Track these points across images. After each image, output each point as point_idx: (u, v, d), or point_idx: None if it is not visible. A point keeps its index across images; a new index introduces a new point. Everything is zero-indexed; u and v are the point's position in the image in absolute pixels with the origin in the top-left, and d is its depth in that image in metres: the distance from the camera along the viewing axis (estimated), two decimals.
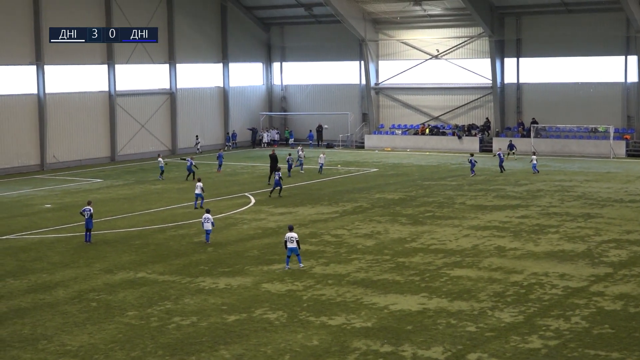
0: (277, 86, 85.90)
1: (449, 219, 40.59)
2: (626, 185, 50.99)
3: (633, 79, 68.58)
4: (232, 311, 25.47)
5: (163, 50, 74.10)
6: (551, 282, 28.24)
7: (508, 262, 31.29)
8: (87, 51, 67.72)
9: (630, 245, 34.02)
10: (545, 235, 36.31)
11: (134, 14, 70.81)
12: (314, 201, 46.72)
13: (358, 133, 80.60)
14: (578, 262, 31.13)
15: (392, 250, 33.82)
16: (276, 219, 41.47)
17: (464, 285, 27.99)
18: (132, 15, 70.42)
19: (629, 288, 27.35)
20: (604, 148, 67.71)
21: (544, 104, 72.50)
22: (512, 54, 73.41)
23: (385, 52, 79.41)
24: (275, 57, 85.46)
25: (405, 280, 28.82)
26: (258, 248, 34.69)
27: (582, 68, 71.01)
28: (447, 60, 76.24)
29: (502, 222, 39.37)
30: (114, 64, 69.98)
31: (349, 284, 28.52)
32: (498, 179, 54.60)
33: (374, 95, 79.81)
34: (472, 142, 73.25)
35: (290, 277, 29.60)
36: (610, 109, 69.82)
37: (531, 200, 45.69)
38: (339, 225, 39.54)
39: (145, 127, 72.93)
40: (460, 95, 76.38)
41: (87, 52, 67.89)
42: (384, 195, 48.75)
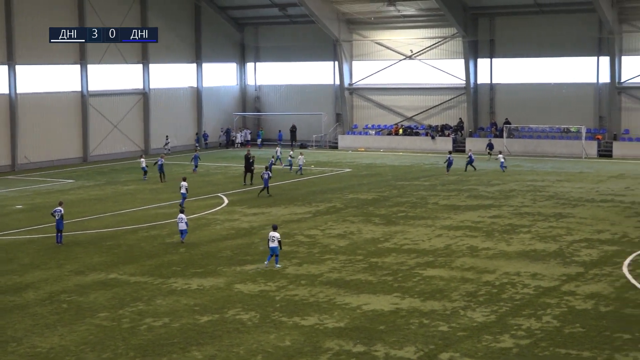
0: (250, 86, 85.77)
1: (422, 219, 40.68)
2: (597, 185, 51.34)
3: (605, 79, 69.07)
4: (205, 312, 25.39)
5: (136, 50, 73.78)
6: (523, 282, 28.37)
7: (480, 262, 31.40)
8: (59, 51, 67.27)
9: (602, 244, 34.25)
10: (518, 235, 36.48)
11: (107, 13, 70.44)
12: (288, 201, 46.68)
13: (332, 133, 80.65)
14: (550, 262, 31.30)
15: (365, 250, 33.85)
16: (249, 219, 41.39)
17: (437, 285, 28.06)
18: (105, 15, 70.05)
19: (599, 287, 27.53)
20: (576, 148, 68.15)
21: (517, 104, 72.87)
22: (485, 54, 73.75)
23: (359, 53, 79.52)
24: (249, 57, 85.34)
25: (378, 281, 28.85)
26: (231, 249, 34.61)
27: (554, 69, 71.48)
28: (421, 60, 76.44)
29: (474, 222, 39.51)
30: (87, 64, 69.57)
31: (321, 284, 28.51)
32: (471, 179, 54.81)
33: (348, 95, 79.90)
34: (445, 143, 73.47)
35: (263, 277, 29.55)
36: (582, 109, 70.30)
37: (503, 200, 45.90)
38: (312, 225, 39.53)
39: (118, 128, 72.57)
40: (434, 95, 76.61)
41: (59, 52, 67.44)
42: (358, 195, 48.79)
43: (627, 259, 31.57)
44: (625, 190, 49.28)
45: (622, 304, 25.58)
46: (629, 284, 28.00)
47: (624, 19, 67.54)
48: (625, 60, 68.38)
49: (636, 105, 68.53)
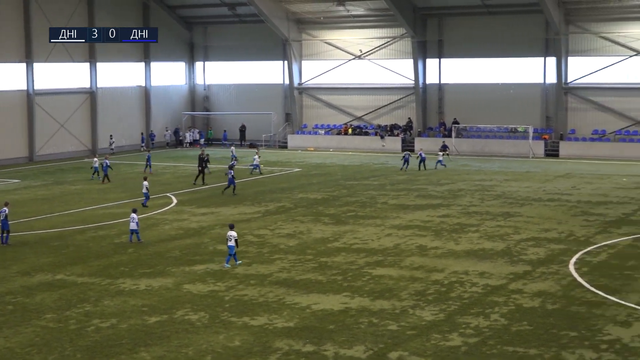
0: (199, 86, 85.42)
1: (372, 218, 40.83)
2: (544, 185, 51.96)
3: (551, 80, 69.96)
4: (153, 312, 25.21)
5: (83, 48, 73.00)
6: (471, 281, 28.61)
7: (429, 261, 31.60)
8: (4, 49, 66.36)
9: (549, 243, 34.66)
10: (466, 234, 36.78)
11: (53, 12, 69.61)
12: (237, 201, 46.55)
13: (281, 133, 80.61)
14: (497, 261, 31.60)
15: (314, 250, 33.87)
16: (198, 219, 41.20)
17: (386, 284, 28.18)
18: (51, 14, 69.23)
19: (546, 285, 27.86)
20: (523, 148, 68.92)
21: (465, 104, 73.49)
22: (434, 54, 74.26)
23: (308, 52, 79.58)
24: (198, 56, 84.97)
25: (327, 280, 28.89)
26: (180, 249, 34.42)
27: (502, 69, 72.24)
28: (370, 60, 76.73)
29: (423, 222, 39.75)
30: (33, 63, 68.71)
31: (271, 284, 28.48)
32: (420, 179, 55.14)
33: (297, 95, 79.93)
34: (394, 142, 73.84)
35: (212, 277, 29.44)
36: (529, 109, 71.13)
37: (452, 200, 46.25)
38: (262, 225, 39.47)
39: (65, 127, 71.76)
40: (383, 95, 76.94)
41: (4, 50, 66.54)
42: (307, 195, 48.82)
43: (573, 257, 31.99)
44: (572, 189, 49.95)
45: (569, 301, 25.92)
46: (575, 282, 28.37)
47: (571, 20, 68.46)
48: (572, 61, 69.33)
49: (582, 105, 69.52)
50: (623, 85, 68.19)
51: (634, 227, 37.78)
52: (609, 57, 68.11)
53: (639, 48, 66.82)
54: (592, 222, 39.27)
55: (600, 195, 47.29)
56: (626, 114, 68.02)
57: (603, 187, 50.53)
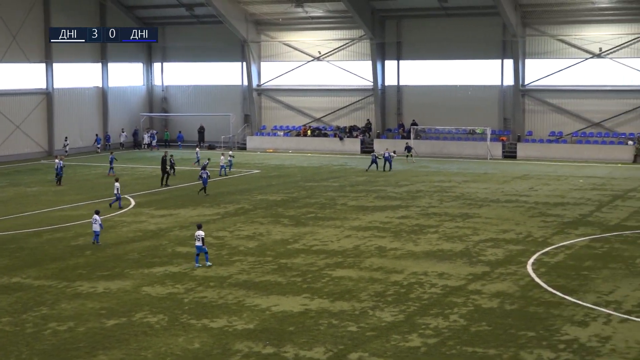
0: (157, 87, 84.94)
1: (331, 219, 40.88)
2: (502, 186, 52.36)
3: (509, 82, 70.50)
4: (111, 315, 25.02)
5: (39, 48, 72.27)
6: (430, 281, 28.74)
7: (388, 262, 31.70)
8: None
9: (507, 244, 34.93)
10: (425, 235, 36.95)
11: (6, 11, 68.81)
12: (196, 203, 46.36)
13: (240, 134, 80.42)
14: (456, 261, 31.78)
15: (274, 251, 33.84)
16: (157, 221, 40.97)
17: (346, 286, 28.22)
18: (5, 13, 68.45)
19: (505, 286, 28.06)
20: (481, 149, 69.41)
21: (424, 106, 73.83)
22: (392, 56, 74.52)
23: (267, 54, 79.49)
24: (156, 57, 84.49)
25: (287, 282, 28.87)
26: (138, 251, 34.20)
27: (460, 71, 72.67)
28: (329, 62, 76.80)
29: (382, 223, 39.87)
30: None
31: (230, 286, 28.40)
32: (379, 180, 55.30)
33: (256, 96, 79.79)
34: (353, 144, 73.99)
35: (171, 280, 29.28)
36: (487, 111, 71.64)
37: (411, 201, 46.44)
38: (221, 227, 39.34)
39: (20, 128, 70.94)
40: (342, 97, 77.06)
41: None
42: (266, 196, 48.75)
43: (531, 258, 32.27)
44: (529, 190, 50.38)
45: (527, 302, 26.14)
46: (533, 282, 28.62)
47: (528, 22, 69.07)
48: (529, 63, 69.95)
49: (539, 107, 70.18)
50: (579, 87, 68.88)
51: (590, 228, 38.20)
52: (566, 60, 68.83)
53: (594, 50, 67.60)
54: (549, 223, 39.64)
55: (558, 197, 47.76)
56: (582, 116, 68.76)
57: (560, 189, 51.03)
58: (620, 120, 67.76)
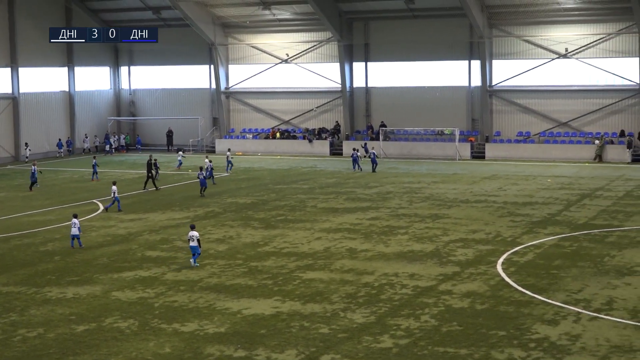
0: (125, 90, 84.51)
1: (301, 222, 40.90)
2: (471, 186, 52.64)
3: (476, 83, 70.88)
4: (81, 321, 24.87)
5: (4, 53, 71.67)
6: (401, 282, 28.84)
7: (359, 264, 31.77)
8: None
9: (476, 244, 35.12)
10: (395, 236, 37.07)
11: None
12: (165, 207, 46.21)
13: (209, 137, 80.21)
14: (427, 262, 31.92)
15: (244, 254, 33.80)
16: (126, 225, 40.77)
17: (317, 288, 28.25)
18: None
19: (475, 286, 28.22)
20: (450, 150, 69.73)
21: (392, 107, 74.03)
22: (360, 58, 74.67)
23: (235, 56, 79.36)
24: (122, 60, 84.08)
25: (258, 285, 28.86)
26: (107, 255, 34.02)
27: (428, 72, 72.92)
28: (297, 64, 76.81)
29: (353, 224, 39.95)
30: None
31: (201, 289, 28.33)
32: (349, 182, 55.40)
33: (225, 99, 79.64)
34: (322, 146, 74.05)
35: (141, 284, 29.16)
36: (455, 112, 71.98)
37: (381, 202, 46.56)
38: None
39: None
40: (311, 99, 77.07)
41: None
42: (236, 199, 48.68)
43: (501, 257, 32.48)
44: (498, 190, 50.69)
45: (497, 301, 26.30)
46: (503, 282, 28.81)
47: (494, 23, 69.50)
48: (496, 64, 70.35)
49: (506, 107, 70.63)
50: (546, 87, 69.43)
51: (558, 227, 38.50)
52: (532, 60, 69.33)
53: (560, 51, 68.15)
54: (518, 222, 39.91)
55: (526, 196, 48.09)
56: (549, 116, 69.30)
57: (528, 188, 51.39)
58: (586, 119, 68.36)
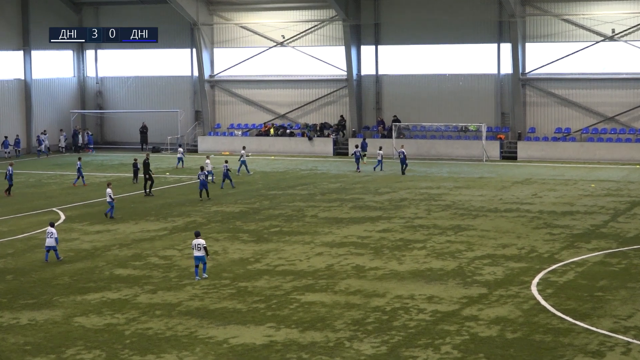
0: (91, 78, 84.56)
1: (299, 234, 40.86)
2: (501, 192, 52.59)
3: (507, 70, 70.82)
4: (38, 352, 24.83)
5: None
6: (418, 306, 28.76)
7: (368, 284, 31.70)
8: None
9: (507, 261, 35.04)
10: (411, 251, 37.01)
11: None
12: (138, 216, 46.18)
13: (190, 134, 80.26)
14: (448, 282, 31.85)
15: (232, 273, 33.76)
16: (91, 238, 40.75)
17: (318, 313, 28.18)
18: None
19: (505, 310, 28.13)
20: (475, 149, 69.68)
21: (408, 99, 74.00)
22: (370, 40, 74.64)
23: (221, 39, 79.39)
24: (88, 43, 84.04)
25: (248, 309, 28.80)
26: (70, 274, 33.98)
27: (450, 57, 72.89)
28: (295, 48, 76.83)
29: (360, 238, 39.91)
30: None
31: (180, 314, 28.28)
32: (356, 187, 55.37)
33: (209, 89, 79.67)
34: (324, 144, 74.05)
35: (109, 308, 29.10)
36: (482, 104, 71.92)
37: (394, 211, 46.52)
38: (169, 244, 39.21)
39: None
40: (311, 89, 77.10)
41: None
42: (222, 207, 48.67)
43: (536, 277, 32.40)
44: (533, 197, 50.63)
45: (531, 329, 26.23)
46: (539, 305, 28.71)
47: (528, 0, 69.50)
48: (530, 48, 70.32)
49: (542, 99, 70.55)
50: (589, 75, 69.35)
51: (604, 241, 38.44)
52: (573, 43, 69.24)
53: (606, 32, 68.09)
54: (556, 235, 39.85)
55: (566, 204, 48.04)
56: (594, 109, 69.25)
57: (568, 195, 51.34)
58: (637, 113, 68.30)
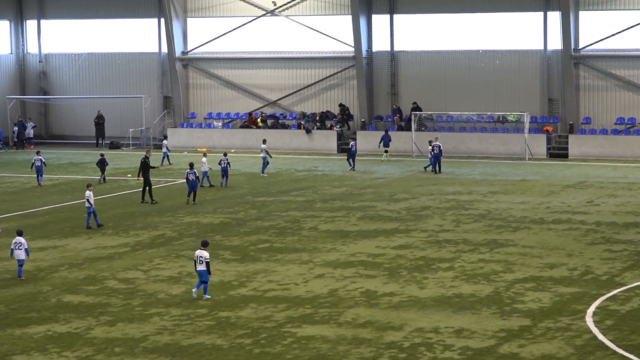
0: (33, 55, 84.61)
1: (295, 251, 40.88)
2: (548, 199, 52.61)
3: (555, 45, 70.79)
4: None
5: None
6: (443, 342, 28.77)
7: (381, 314, 31.70)
8: None
9: (555, 285, 35.03)
10: (434, 273, 37.00)
11: None
12: (92, 229, 46.19)
13: (158, 126, 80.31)
14: (482, 312, 31.85)
15: (210, 300, 33.78)
16: (33, 256, 40.67)
17: (318, 350, 28.19)
18: None
19: (553, 347, 28.13)
20: (515, 145, 69.69)
21: (430, 81, 74.04)
22: (383, 8, 74.70)
23: (197, 6, 79.48)
24: (29, 12, 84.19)
25: (230, 345, 28.81)
26: (6, 302, 34.01)
27: (484, 29, 72.86)
28: (289, 17, 76.88)
29: (371, 255, 39.91)
30: None
31: (145, 352, 28.29)
32: (366, 192, 55.39)
33: (181, 69, 79.73)
34: (326, 138, 74.01)
35: (55, 344, 29.10)
36: (524, 88, 71.94)
37: (413, 223, 46.54)
38: (131, 264, 39.22)
39: None
40: (309, 69, 77.14)
41: None
42: (198, 218, 48.71)
43: (592, 305, 32.40)
44: (588, 205, 50.66)
45: None
46: (595, 341, 28.71)
47: None
48: (585, 17, 70.36)
49: (600, 82, 70.52)
50: None
51: None
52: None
53: None
54: (618, 253, 39.88)
55: (630, 214, 48.10)
56: None
57: (633, 202, 51.42)
58: None
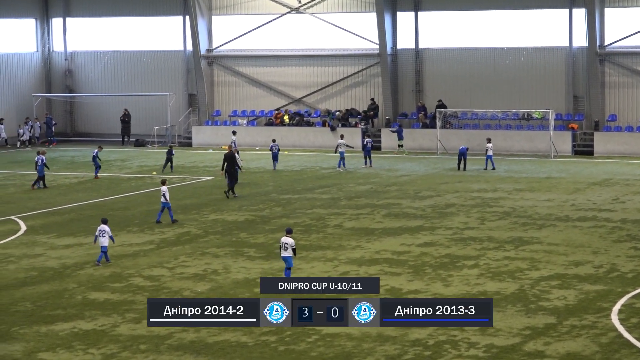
0: (59, 54, 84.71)
1: (320, 249, 40.87)
2: (573, 197, 52.47)
3: (580, 42, 70.57)
4: None
5: None
6: (468, 340, 28.70)
7: None
8: None
9: (581, 282, 34.94)
10: (459, 270, 36.95)
11: None
12: (118, 226, 46.20)
13: (183, 124, 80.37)
14: (506, 309, 31.79)
15: (235, 297, 33.77)
16: (59, 254, 40.81)
17: (343, 348, 28.15)
18: None
19: (578, 345, 28.05)
20: (541, 142, 69.49)
21: (456, 79, 73.89)
22: (408, 6, 74.57)
23: (221, 4, 79.48)
24: (54, 10, 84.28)
25: (255, 342, 28.81)
26: (33, 299, 34.07)
27: (508, 26, 72.69)
28: (314, 15, 76.82)
29: (396, 253, 39.88)
30: None
31: (171, 349, 28.31)
32: (390, 190, 55.35)
33: (206, 66, 79.75)
34: (351, 136, 73.96)
35: (81, 341, 29.15)
36: (549, 85, 71.73)
37: (438, 220, 46.48)
38: (156, 261, 39.27)
39: None
40: (334, 66, 77.08)
41: None
42: (223, 215, 48.73)
43: (618, 303, 32.30)
44: (613, 202, 50.52)
45: None
46: (621, 339, 28.62)
47: None
48: (610, 14, 70.08)
49: (627, 78, 70.26)
50: None
51: None
52: None
53: None
54: None
55: None
56: None
57: None
58: None
